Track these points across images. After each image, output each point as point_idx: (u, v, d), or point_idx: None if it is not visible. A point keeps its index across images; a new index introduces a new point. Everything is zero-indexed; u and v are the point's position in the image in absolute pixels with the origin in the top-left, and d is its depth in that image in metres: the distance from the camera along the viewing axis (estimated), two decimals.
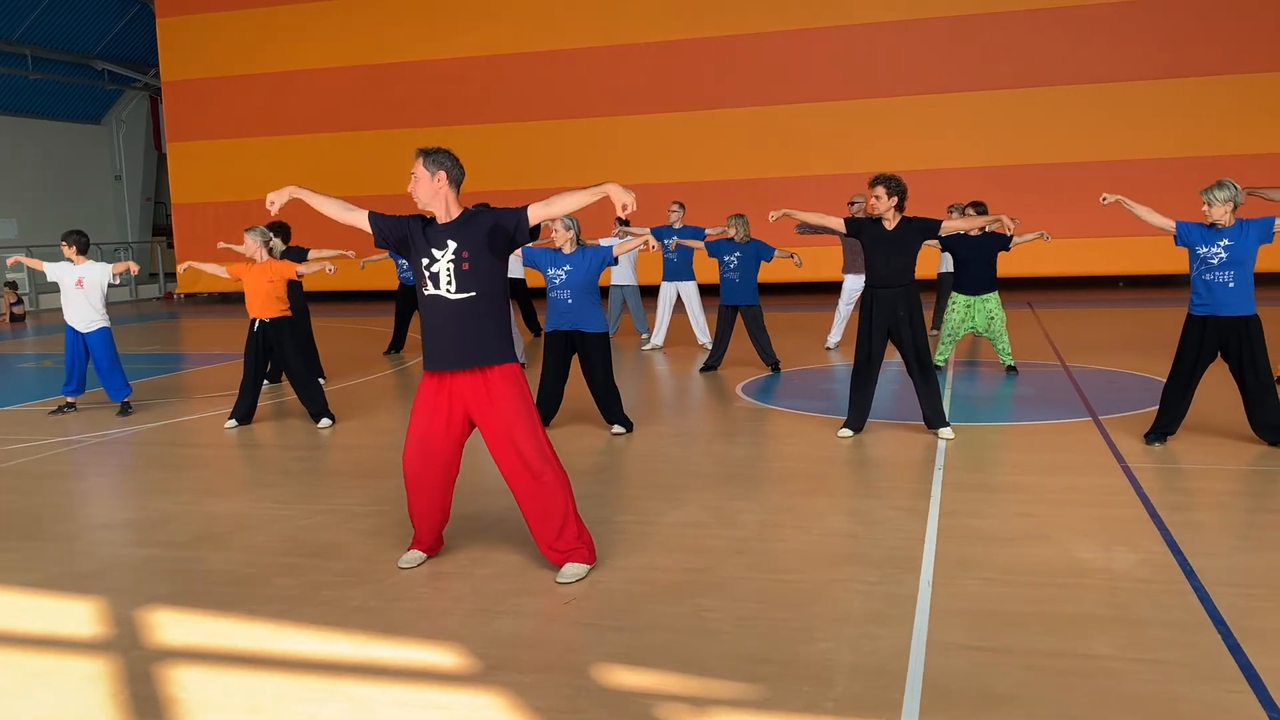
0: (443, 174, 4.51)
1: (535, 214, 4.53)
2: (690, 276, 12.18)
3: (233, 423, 8.43)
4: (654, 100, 20.55)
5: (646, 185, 19.67)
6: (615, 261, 7.53)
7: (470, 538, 5.21)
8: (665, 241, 12.09)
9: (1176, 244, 6.64)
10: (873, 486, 6.13)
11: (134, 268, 9.27)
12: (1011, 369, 9.79)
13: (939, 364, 9.95)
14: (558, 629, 4.08)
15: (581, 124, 20.94)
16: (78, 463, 7.43)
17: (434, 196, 4.53)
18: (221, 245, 10.58)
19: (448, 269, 4.49)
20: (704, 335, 12.20)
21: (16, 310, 21.45)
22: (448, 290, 4.50)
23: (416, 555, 4.89)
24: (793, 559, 4.79)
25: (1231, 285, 6.41)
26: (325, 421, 8.37)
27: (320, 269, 8.70)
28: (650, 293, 12.96)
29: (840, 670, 3.60)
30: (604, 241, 12.63)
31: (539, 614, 4.24)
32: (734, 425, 7.98)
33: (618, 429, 7.67)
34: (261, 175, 22.43)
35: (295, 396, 9.14)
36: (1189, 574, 4.41)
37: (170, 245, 26.55)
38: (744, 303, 10.36)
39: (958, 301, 9.67)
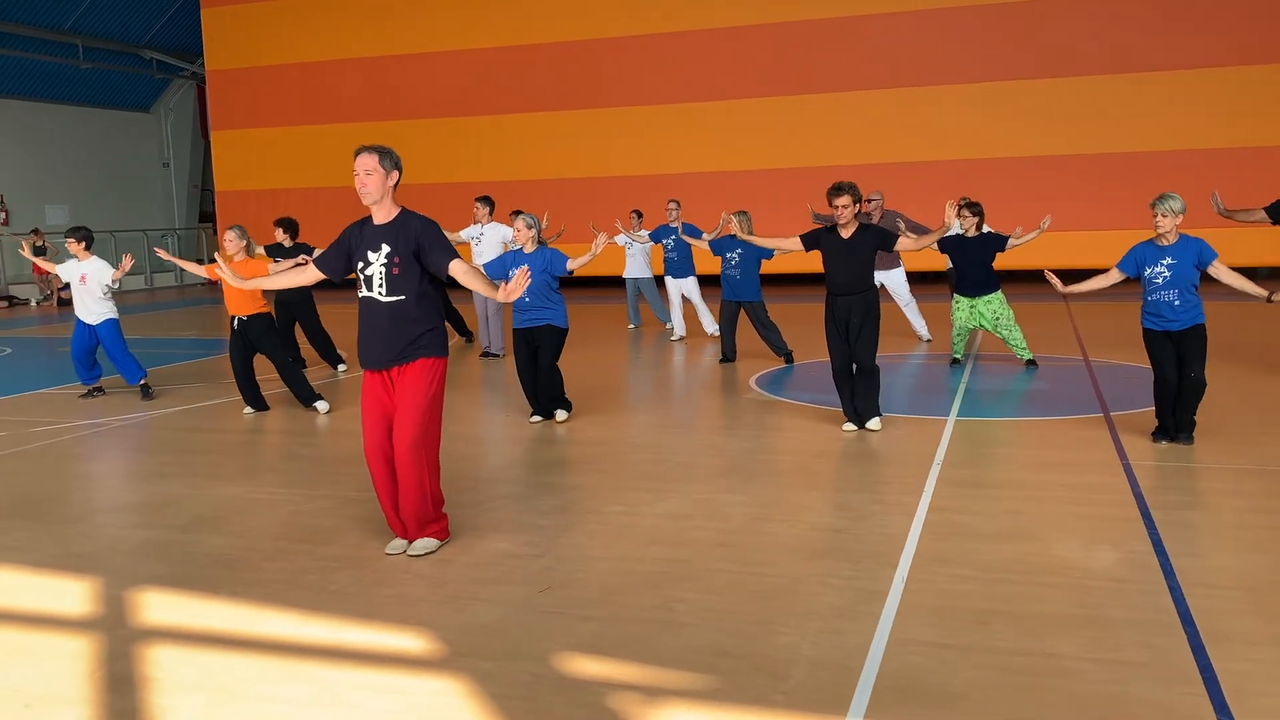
0: (396, 174, 4.70)
1: (455, 268, 4.70)
2: (690, 273, 12.34)
3: (250, 410, 8.61)
4: (661, 93, 20.56)
5: (654, 177, 19.84)
6: (570, 274, 7.62)
7: (457, 526, 5.28)
8: (665, 241, 12.29)
9: (1132, 278, 6.62)
10: (866, 481, 6.11)
11: (128, 261, 9.41)
12: (1030, 363, 9.68)
13: (956, 358, 9.88)
14: (527, 617, 4.14)
15: (600, 114, 20.97)
16: (96, 446, 7.63)
17: (385, 194, 4.68)
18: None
19: (380, 272, 4.65)
20: (711, 325, 12.46)
21: (64, 295, 21.97)
22: (380, 293, 4.65)
23: (403, 542, 4.98)
24: (772, 552, 4.81)
25: (1177, 304, 6.41)
26: (320, 405, 8.55)
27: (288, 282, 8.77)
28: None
29: (798, 664, 3.63)
30: (619, 239, 12.90)
31: (512, 602, 4.30)
32: (738, 417, 7.99)
33: (560, 415, 7.84)
34: (303, 163, 22.79)
35: (321, 380, 9.28)
36: (1168, 574, 4.36)
37: (216, 231, 27.01)
38: (746, 299, 10.34)
39: (960, 303, 9.60)
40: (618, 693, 3.48)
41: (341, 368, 10.83)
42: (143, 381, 9.45)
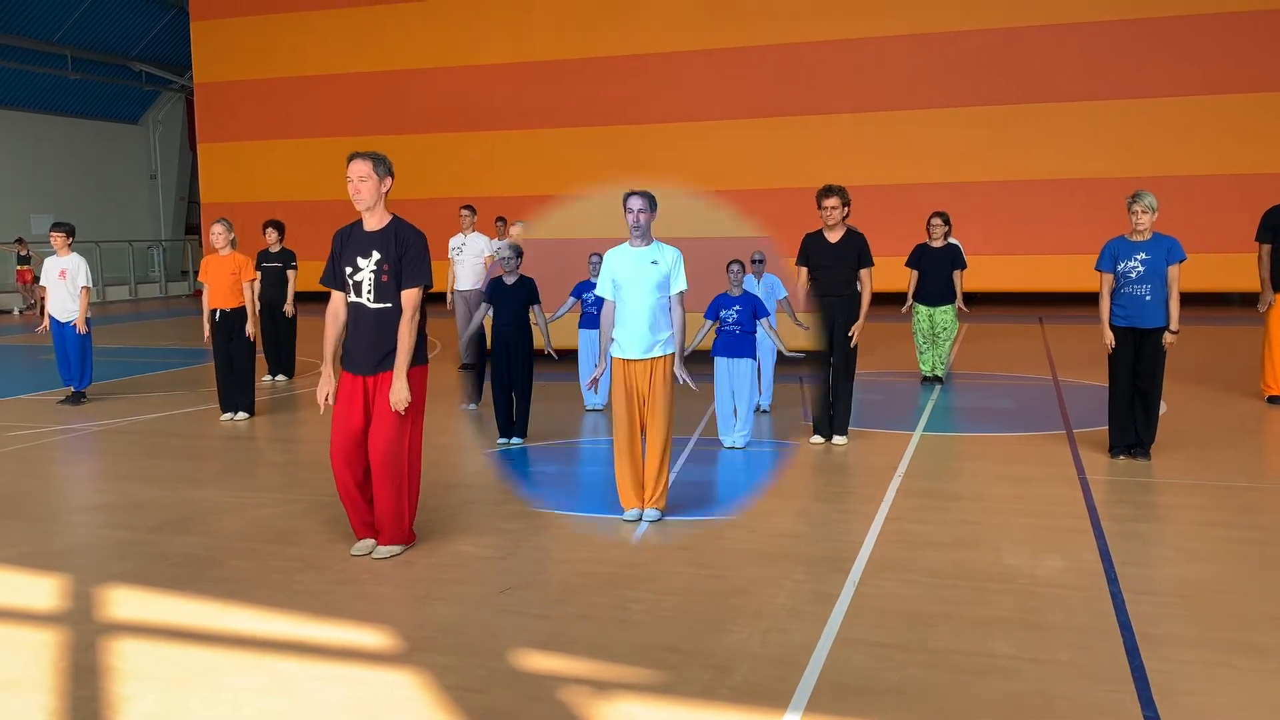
0: (389, 181, 4.78)
1: (408, 300, 4.78)
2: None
3: (228, 415, 8.68)
4: (663, 109, 20.78)
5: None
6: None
7: (423, 529, 5.37)
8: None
9: (1108, 271, 6.68)
10: (829, 491, 6.24)
11: (83, 327, 9.52)
12: (937, 380, 9.96)
13: (926, 375, 10.06)
14: (486, 615, 4.24)
15: (589, 132, 21.20)
16: (73, 449, 7.71)
17: (378, 201, 4.78)
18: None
19: (369, 279, 4.75)
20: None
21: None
22: (368, 299, 4.75)
23: (368, 544, 5.07)
24: (730, 556, 4.93)
25: (1148, 298, 6.53)
26: (242, 415, 8.67)
27: (252, 302, 8.77)
28: None
29: (744, 660, 3.74)
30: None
31: (472, 601, 4.40)
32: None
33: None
34: (289, 177, 22.90)
35: (298, 391, 9.38)
36: (1112, 582, 4.49)
37: (201, 244, 27.06)
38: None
39: (920, 311, 9.98)
40: (569, 686, 3.58)
41: (280, 378, 10.79)
42: (83, 391, 9.57)
